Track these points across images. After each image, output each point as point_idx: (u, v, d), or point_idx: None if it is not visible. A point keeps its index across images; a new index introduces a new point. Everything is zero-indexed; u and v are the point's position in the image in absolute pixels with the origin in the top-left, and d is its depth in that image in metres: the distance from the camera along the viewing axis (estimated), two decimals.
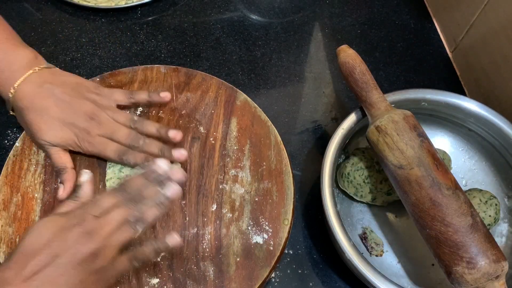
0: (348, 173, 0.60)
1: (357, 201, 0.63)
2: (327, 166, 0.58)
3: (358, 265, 0.53)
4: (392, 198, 0.62)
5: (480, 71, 0.73)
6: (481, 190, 0.62)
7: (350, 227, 0.61)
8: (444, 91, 0.63)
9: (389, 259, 0.61)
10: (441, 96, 0.63)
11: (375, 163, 0.60)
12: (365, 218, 0.63)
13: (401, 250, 0.62)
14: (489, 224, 0.60)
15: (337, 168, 0.62)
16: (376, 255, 0.60)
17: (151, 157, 0.57)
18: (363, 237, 0.61)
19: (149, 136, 0.59)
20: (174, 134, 0.59)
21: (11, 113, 0.59)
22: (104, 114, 0.58)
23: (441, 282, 0.59)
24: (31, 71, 0.57)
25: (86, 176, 0.52)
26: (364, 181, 0.60)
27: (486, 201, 0.60)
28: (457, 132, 0.67)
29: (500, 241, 0.63)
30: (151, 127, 0.59)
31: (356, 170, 0.60)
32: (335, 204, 0.55)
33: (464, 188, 0.65)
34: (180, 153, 0.58)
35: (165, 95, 0.63)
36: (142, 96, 0.62)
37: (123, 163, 0.59)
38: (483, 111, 0.62)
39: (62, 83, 0.58)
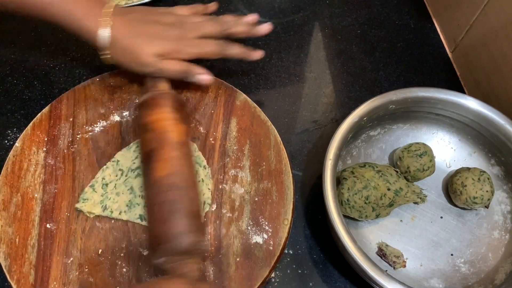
0: (348, 199, 0.59)
1: (362, 221, 0.63)
2: (328, 174, 0.58)
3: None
4: (395, 206, 0.62)
5: (480, 71, 0.73)
6: (469, 168, 0.63)
7: (364, 248, 0.59)
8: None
9: (412, 265, 0.61)
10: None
11: (368, 179, 0.60)
12: (375, 235, 0.63)
13: (419, 252, 0.62)
14: (489, 199, 0.62)
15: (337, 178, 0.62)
16: (400, 267, 0.60)
17: (247, 49, 0.65)
18: (381, 254, 0.61)
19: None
20: (249, 18, 0.66)
21: (104, 55, 0.60)
22: (185, 19, 0.63)
23: (472, 274, 0.61)
24: (107, 9, 0.60)
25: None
26: (365, 202, 0.59)
27: (479, 178, 0.62)
28: (425, 119, 0.68)
29: (500, 208, 0.64)
30: (227, 16, 0.65)
31: (354, 194, 0.59)
32: (340, 213, 0.56)
33: (450, 169, 0.67)
34: (265, 27, 0.66)
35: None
36: (200, 8, 0.68)
37: (226, 56, 0.63)
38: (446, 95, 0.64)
39: (137, 9, 0.64)
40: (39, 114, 0.63)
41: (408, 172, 0.64)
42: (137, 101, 0.65)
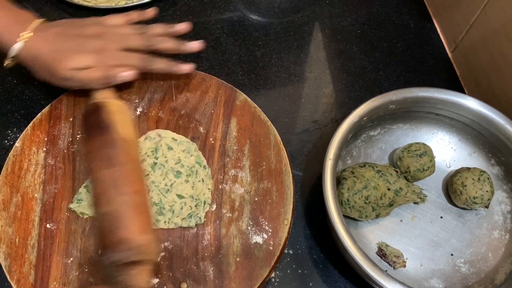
0: (348, 199, 0.59)
1: (362, 221, 0.63)
2: (328, 174, 0.58)
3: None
4: (395, 206, 0.62)
5: (480, 71, 0.73)
6: (469, 168, 0.63)
7: (364, 248, 0.59)
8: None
9: (412, 265, 0.61)
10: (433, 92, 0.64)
11: (368, 179, 0.60)
12: (375, 235, 0.63)
13: (419, 252, 0.62)
14: (489, 199, 0.62)
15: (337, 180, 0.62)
16: (400, 267, 0.60)
17: (174, 63, 0.63)
18: (381, 254, 0.61)
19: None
20: (182, 26, 0.64)
21: (7, 64, 0.60)
22: (110, 30, 0.62)
23: (472, 274, 0.61)
24: (33, 24, 0.59)
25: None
26: (365, 202, 0.59)
27: (479, 178, 0.62)
28: (425, 119, 0.68)
29: (500, 208, 0.65)
30: (158, 27, 0.64)
31: (354, 194, 0.59)
32: (340, 212, 0.56)
33: (450, 169, 0.67)
34: (194, 44, 0.64)
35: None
36: (134, 15, 0.65)
37: (150, 71, 0.62)
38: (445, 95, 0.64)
39: (60, 23, 0.62)
40: (39, 114, 0.63)
41: (408, 172, 0.64)
42: (136, 101, 0.65)
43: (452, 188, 0.63)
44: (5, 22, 0.59)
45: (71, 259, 0.55)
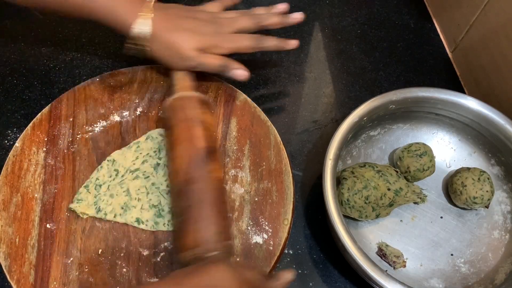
0: (348, 199, 0.59)
1: (362, 221, 0.63)
2: (328, 174, 0.58)
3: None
4: (395, 206, 0.62)
5: (480, 71, 0.73)
6: (469, 168, 0.63)
7: (364, 248, 0.59)
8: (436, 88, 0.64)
9: (412, 265, 0.61)
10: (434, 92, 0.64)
11: (368, 179, 0.60)
12: (375, 235, 0.63)
13: (419, 252, 0.62)
14: (489, 199, 0.62)
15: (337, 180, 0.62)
16: (400, 267, 0.60)
17: (283, 39, 0.66)
18: (381, 254, 0.61)
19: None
20: (282, 6, 0.67)
21: (128, 48, 0.62)
22: (219, 15, 0.65)
23: (472, 274, 0.61)
24: (148, 3, 0.61)
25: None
26: (365, 202, 0.59)
27: (479, 178, 0.62)
28: (425, 119, 0.68)
29: (500, 208, 0.65)
30: (260, 9, 0.67)
31: (354, 194, 0.59)
32: (339, 212, 0.56)
33: (450, 169, 0.67)
34: (298, 15, 0.67)
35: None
36: (227, 1, 0.69)
37: (261, 49, 0.64)
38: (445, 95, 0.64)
39: (175, 6, 0.65)
40: (39, 114, 0.63)
41: (408, 172, 0.64)
42: (136, 101, 0.65)
43: (452, 188, 0.63)
44: (121, 3, 0.60)
45: (71, 259, 0.55)
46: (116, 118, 0.64)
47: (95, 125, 0.63)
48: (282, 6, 0.67)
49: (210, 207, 0.53)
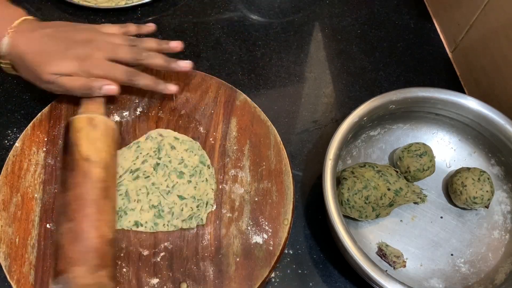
0: (348, 199, 0.59)
1: (362, 221, 0.63)
2: (328, 174, 0.58)
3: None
4: (395, 206, 0.62)
5: (480, 71, 0.73)
6: (469, 169, 0.63)
7: (364, 248, 0.58)
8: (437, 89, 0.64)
9: (412, 265, 0.61)
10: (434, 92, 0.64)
11: (368, 179, 0.60)
12: (375, 235, 0.63)
13: (419, 252, 0.62)
14: (489, 199, 0.62)
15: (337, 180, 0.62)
16: (400, 267, 0.60)
17: (161, 80, 0.61)
18: (381, 254, 0.61)
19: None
20: (176, 44, 0.62)
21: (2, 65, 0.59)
22: (101, 38, 0.59)
23: (472, 274, 0.61)
24: (19, 21, 0.57)
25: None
26: (365, 202, 0.59)
27: (479, 178, 0.62)
28: (425, 119, 0.68)
29: (500, 208, 0.65)
30: (151, 42, 0.61)
31: (354, 194, 0.59)
32: (340, 212, 0.56)
33: (450, 169, 0.67)
34: (185, 64, 0.61)
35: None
36: (131, 28, 0.63)
37: (134, 85, 0.60)
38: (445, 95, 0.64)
39: (52, 24, 0.60)
40: (39, 114, 0.63)
41: (408, 172, 0.64)
42: (136, 101, 0.65)
43: (452, 188, 0.63)
44: None
45: None
46: (116, 118, 0.64)
47: None
48: (175, 44, 0.62)
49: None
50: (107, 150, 0.56)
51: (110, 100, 0.65)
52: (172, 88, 0.62)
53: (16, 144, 0.61)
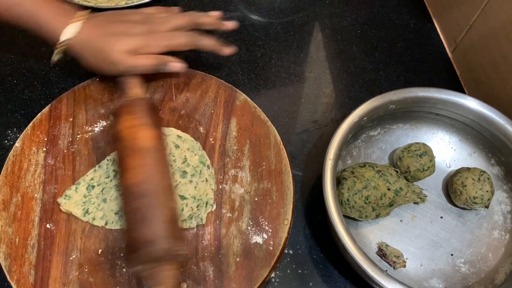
0: (348, 199, 0.59)
1: (362, 221, 0.63)
2: (328, 174, 0.58)
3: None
4: (395, 206, 0.62)
5: (480, 71, 0.73)
6: (469, 168, 0.63)
7: (364, 248, 0.58)
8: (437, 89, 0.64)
9: (412, 265, 0.61)
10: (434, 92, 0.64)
11: (368, 179, 0.60)
12: (375, 235, 0.63)
13: (419, 252, 0.62)
14: (489, 199, 0.62)
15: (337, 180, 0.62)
16: (400, 267, 0.60)
17: (220, 42, 0.65)
18: (381, 254, 0.61)
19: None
20: (215, 13, 0.67)
21: (56, 56, 0.61)
22: (153, 15, 0.64)
23: (472, 274, 0.61)
24: (79, 13, 0.61)
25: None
26: (365, 202, 0.59)
27: (479, 178, 0.62)
28: (425, 119, 0.68)
29: (500, 208, 0.65)
30: (194, 12, 0.66)
31: (354, 194, 0.59)
32: (340, 212, 0.56)
33: (450, 169, 0.67)
34: (230, 23, 0.67)
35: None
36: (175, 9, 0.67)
37: (197, 47, 0.64)
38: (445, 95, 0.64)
39: (107, 13, 0.64)
40: (39, 114, 0.63)
41: (408, 172, 0.64)
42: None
43: (452, 188, 0.63)
44: (53, 12, 0.60)
45: (71, 259, 0.55)
46: None
47: (95, 125, 0.63)
48: (216, 13, 0.67)
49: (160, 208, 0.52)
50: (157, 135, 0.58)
51: (110, 100, 0.65)
52: (230, 49, 0.67)
53: (16, 144, 0.61)
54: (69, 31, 0.59)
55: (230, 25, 0.67)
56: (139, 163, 0.54)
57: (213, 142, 0.63)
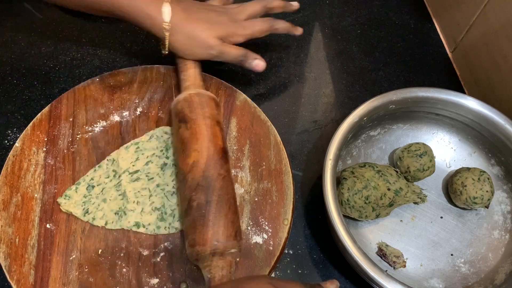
0: (348, 199, 0.59)
1: (362, 221, 0.63)
2: (328, 174, 0.58)
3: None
4: (395, 206, 0.62)
5: (480, 71, 0.73)
6: (469, 168, 0.63)
7: (364, 248, 0.59)
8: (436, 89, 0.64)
9: (412, 265, 0.61)
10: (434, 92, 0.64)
11: (368, 179, 0.60)
12: (375, 235, 0.63)
13: (419, 252, 0.62)
14: (489, 199, 0.62)
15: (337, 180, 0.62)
16: (400, 267, 0.60)
17: (293, 25, 0.70)
18: (381, 254, 0.61)
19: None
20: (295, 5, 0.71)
21: (166, 51, 0.64)
22: (228, 6, 0.68)
23: (472, 274, 0.61)
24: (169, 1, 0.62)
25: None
26: (365, 202, 0.59)
27: (479, 178, 0.62)
28: (425, 119, 0.68)
29: (500, 208, 0.65)
30: None
31: (354, 194, 0.59)
32: (340, 212, 0.56)
33: (450, 169, 0.67)
34: (295, 3, 0.71)
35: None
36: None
37: (274, 31, 0.68)
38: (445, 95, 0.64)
39: (191, 1, 0.67)
40: (39, 114, 0.63)
41: (408, 172, 0.64)
42: (136, 101, 0.65)
43: (452, 188, 0.63)
44: None
45: (71, 259, 0.55)
46: (116, 118, 0.64)
47: (95, 125, 0.63)
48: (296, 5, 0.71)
49: (228, 206, 0.53)
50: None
51: (110, 100, 0.65)
52: (300, 30, 0.72)
53: (16, 144, 0.61)
54: (166, 11, 0.61)
55: (296, 4, 0.71)
56: (200, 146, 0.56)
57: None
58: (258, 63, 0.65)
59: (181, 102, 0.59)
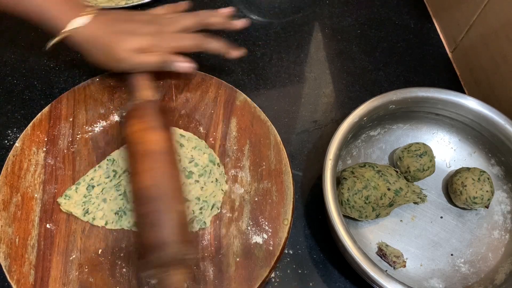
0: (348, 199, 0.59)
1: (362, 221, 0.63)
2: (328, 174, 0.58)
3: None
4: (395, 206, 0.62)
5: (480, 71, 0.73)
6: (469, 168, 0.63)
7: (364, 248, 0.58)
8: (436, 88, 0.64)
9: (412, 265, 0.61)
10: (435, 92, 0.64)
11: (368, 179, 0.60)
12: (375, 235, 0.63)
13: (419, 252, 0.62)
14: (489, 199, 0.62)
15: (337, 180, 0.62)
16: (400, 267, 0.60)
17: (227, 45, 0.64)
18: (381, 254, 0.61)
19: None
20: (226, 9, 0.66)
21: (53, 42, 0.60)
22: (162, 17, 0.64)
23: (472, 274, 0.61)
24: (89, 9, 0.61)
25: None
26: (365, 202, 0.59)
27: (479, 178, 0.62)
28: (425, 119, 0.68)
29: (500, 208, 0.65)
30: (204, 11, 0.66)
31: (354, 194, 0.59)
32: (339, 211, 0.56)
33: (450, 169, 0.67)
34: (240, 21, 0.66)
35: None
36: (179, 7, 0.67)
37: (205, 49, 0.64)
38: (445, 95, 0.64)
39: (115, 12, 0.65)
40: (39, 114, 0.63)
41: (408, 172, 0.64)
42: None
43: (452, 188, 0.63)
44: (62, 4, 0.60)
45: (71, 259, 0.55)
46: (116, 118, 0.64)
47: (95, 125, 0.63)
48: (227, 10, 0.66)
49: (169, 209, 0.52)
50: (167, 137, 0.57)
51: (110, 100, 0.65)
52: (238, 52, 0.66)
53: (16, 144, 0.61)
54: (76, 23, 0.59)
55: (240, 23, 0.66)
56: (148, 167, 0.54)
57: (213, 142, 0.63)
58: (181, 65, 0.62)
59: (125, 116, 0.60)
